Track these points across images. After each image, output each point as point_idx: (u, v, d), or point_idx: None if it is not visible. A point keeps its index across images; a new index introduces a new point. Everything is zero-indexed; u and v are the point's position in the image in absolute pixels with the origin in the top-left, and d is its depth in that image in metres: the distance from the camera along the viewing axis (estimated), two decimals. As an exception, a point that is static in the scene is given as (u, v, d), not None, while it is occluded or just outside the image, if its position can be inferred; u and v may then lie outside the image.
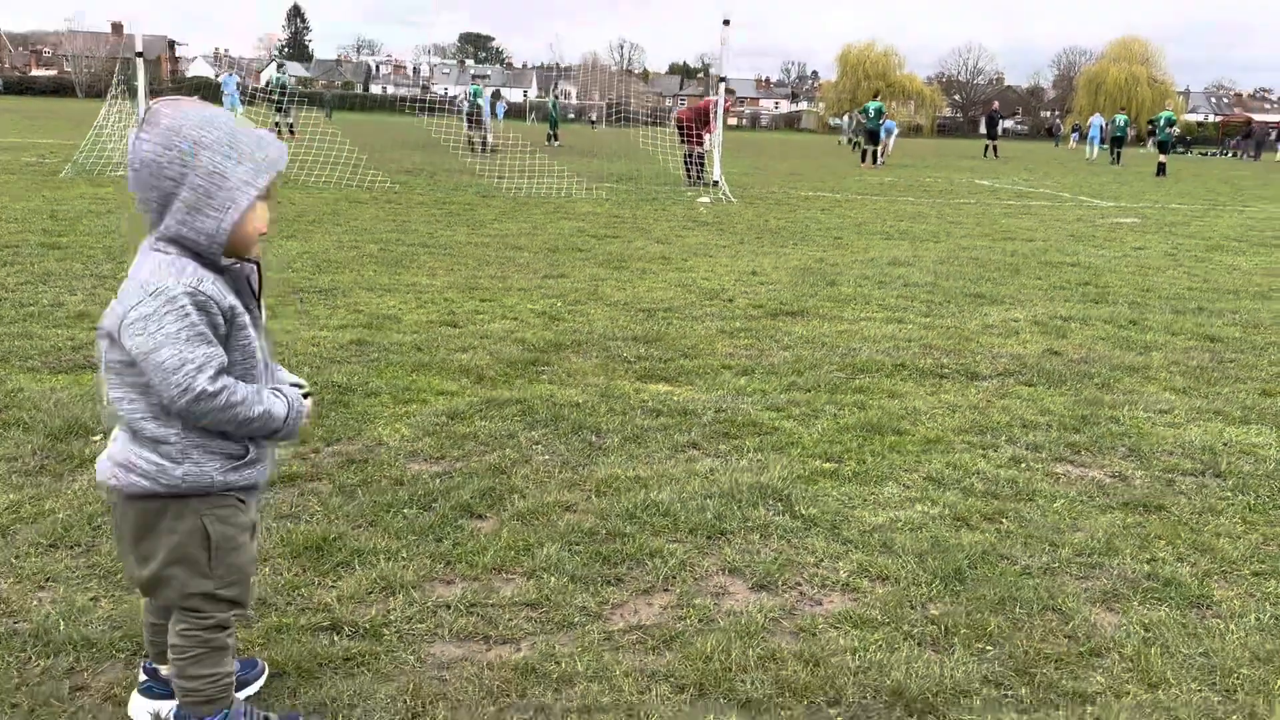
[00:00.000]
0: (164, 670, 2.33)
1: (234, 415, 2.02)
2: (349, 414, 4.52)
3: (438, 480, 3.79)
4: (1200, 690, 2.61)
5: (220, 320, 2.01)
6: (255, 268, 2.12)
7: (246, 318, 2.07)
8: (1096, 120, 43.87)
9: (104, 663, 2.56)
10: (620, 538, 3.35)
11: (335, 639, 2.70)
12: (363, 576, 3.03)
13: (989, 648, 2.77)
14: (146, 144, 1.95)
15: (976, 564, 3.26)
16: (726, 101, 18.12)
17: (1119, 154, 35.97)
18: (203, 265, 2.01)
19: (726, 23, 17.61)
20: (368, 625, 2.77)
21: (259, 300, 2.15)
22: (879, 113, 29.22)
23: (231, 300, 2.04)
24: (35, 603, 2.83)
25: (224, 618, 2.16)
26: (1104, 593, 3.13)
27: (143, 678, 2.37)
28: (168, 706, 2.30)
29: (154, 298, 1.95)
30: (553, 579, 3.06)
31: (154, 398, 2.02)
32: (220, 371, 1.99)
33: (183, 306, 1.95)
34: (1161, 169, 28.84)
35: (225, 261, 2.05)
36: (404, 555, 3.18)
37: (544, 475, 3.90)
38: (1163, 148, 29.97)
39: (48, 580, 2.96)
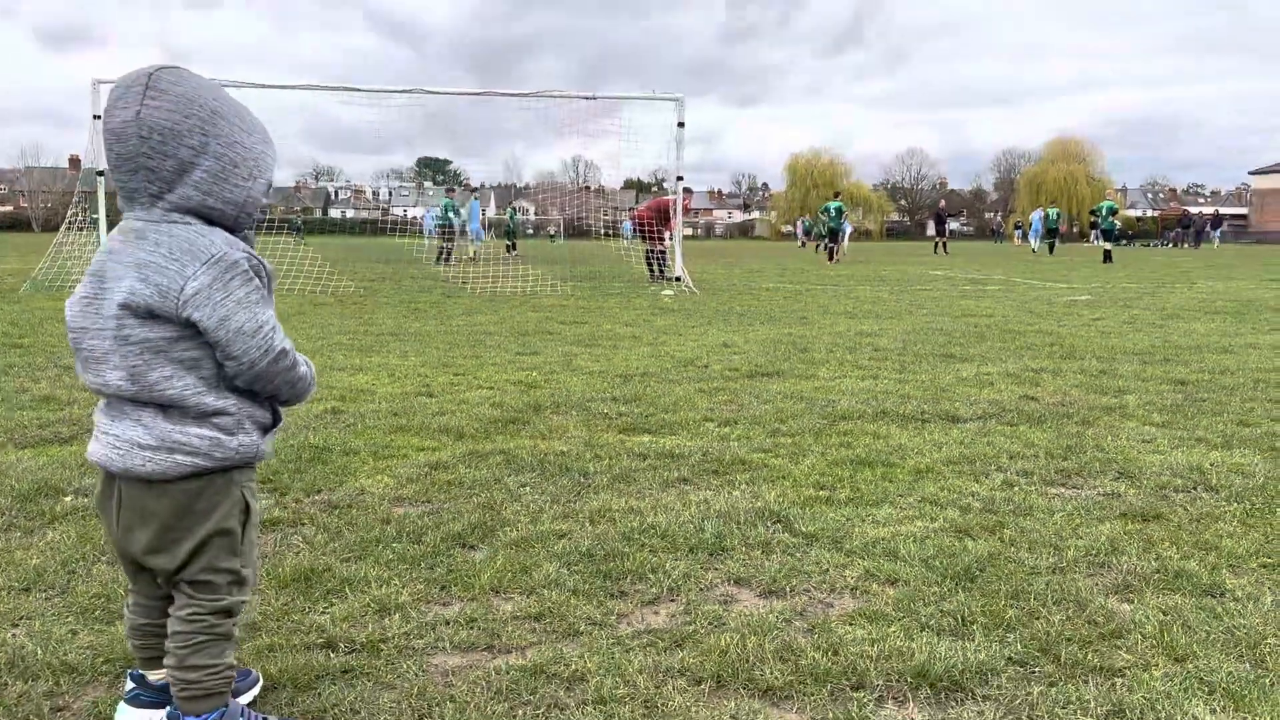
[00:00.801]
0: (152, 676, 2.19)
1: (296, 374, 2.05)
2: (328, 469, 4.40)
3: (426, 518, 3.68)
4: (1229, 661, 2.54)
5: (265, 284, 2.01)
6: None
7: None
8: (1037, 215, 45.32)
9: (85, 685, 2.41)
10: (619, 557, 3.25)
11: (331, 655, 2.57)
12: (355, 601, 2.91)
13: (1009, 634, 2.69)
14: (159, 110, 1.88)
15: (985, 566, 3.20)
16: (685, 199, 18.48)
17: (1054, 244, 37.24)
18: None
19: (681, 125, 18.13)
20: (365, 641, 2.64)
21: None
22: (839, 212, 30.26)
23: (268, 265, 2.03)
24: (10, 636, 2.67)
25: (234, 601, 2.07)
26: (1116, 585, 3.07)
27: (130, 686, 2.22)
28: (158, 716, 2.16)
29: (214, 265, 1.91)
30: (554, 594, 2.95)
31: (205, 370, 1.97)
32: (280, 334, 2.03)
33: (245, 271, 1.95)
34: (1108, 256, 29.63)
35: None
36: (396, 582, 3.06)
37: (535, 509, 3.80)
38: (1107, 236, 30.76)
39: (22, 618, 2.81)
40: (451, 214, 26.41)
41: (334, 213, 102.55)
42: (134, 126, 1.89)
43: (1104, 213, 31.13)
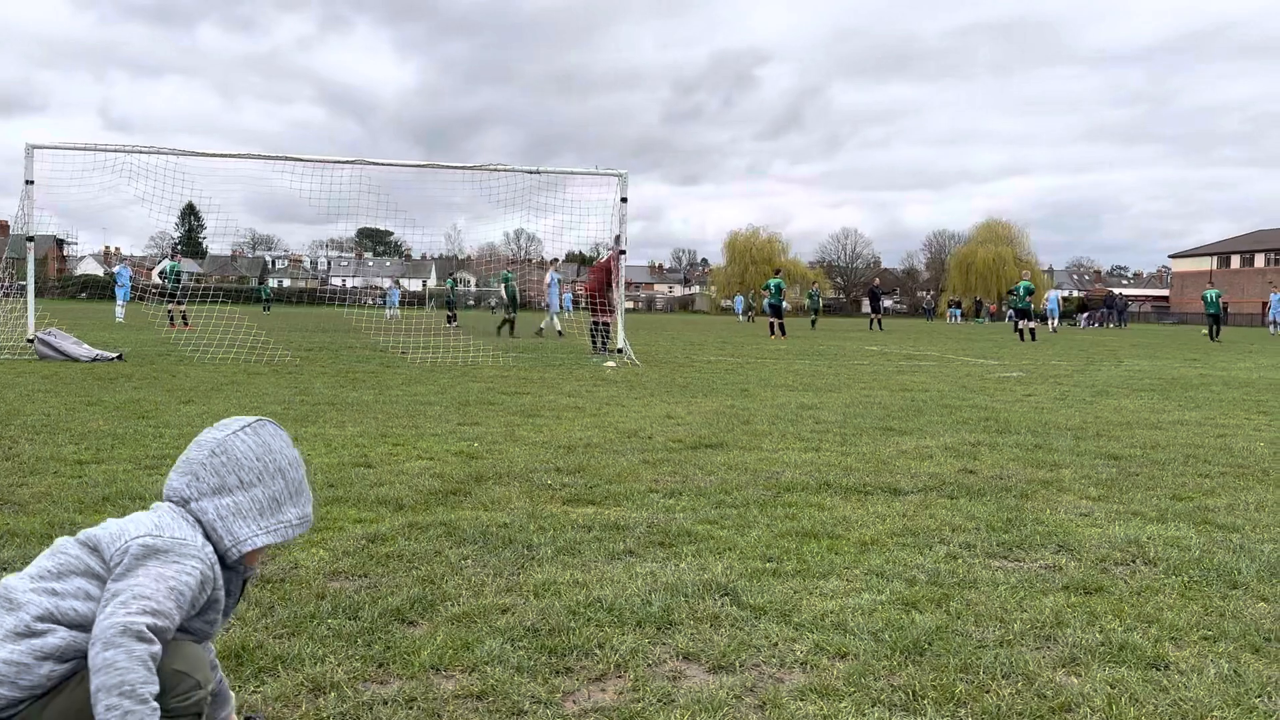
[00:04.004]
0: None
1: (132, 675, 1.78)
2: (262, 541, 4.25)
3: (363, 592, 3.57)
4: (1177, 734, 2.54)
5: (202, 599, 2.02)
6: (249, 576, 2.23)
7: (222, 605, 2.11)
8: (1054, 294, 46.30)
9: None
10: (565, 632, 3.17)
11: (262, 736, 2.45)
12: (288, 680, 2.79)
13: (960, 708, 2.66)
14: (242, 442, 2.10)
15: (933, 640, 3.17)
16: (614, 258, 18.64)
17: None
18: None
19: (624, 200, 18.35)
20: (298, 721, 2.52)
21: (237, 600, 2.22)
22: (779, 289, 30.79)
23: (221, 588, 2.08)
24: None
25: (199, 697, 1.98)
26: (1062, 659, 3.07)
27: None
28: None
29: (182, 545, 1.98)
30: (497, 671, 2.86)
31: (68, 605, 1.93)
32: (163, 635, 1.87)
33: (198, 573, 1.98)
34: (1032, 334, 30.37)
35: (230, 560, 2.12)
36: (332, 659, 2.95)
37: (477, 583, 3.70)
38: (1024, 315, 31.43)
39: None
40: (503, 286, 27.35)
41: (271, 282, 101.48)
42: (214, 443, 2.10)
43: (1021, 292, 31.89)
